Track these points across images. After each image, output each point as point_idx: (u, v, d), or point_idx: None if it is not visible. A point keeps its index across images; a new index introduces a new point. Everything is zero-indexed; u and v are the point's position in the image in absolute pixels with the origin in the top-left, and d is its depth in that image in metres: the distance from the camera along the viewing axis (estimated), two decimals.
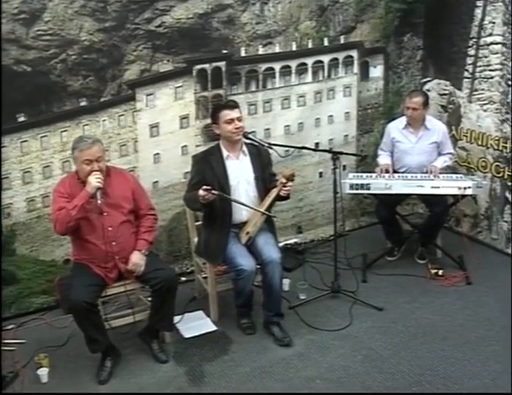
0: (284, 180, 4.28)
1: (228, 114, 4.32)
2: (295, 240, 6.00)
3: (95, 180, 3.89)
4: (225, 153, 4.45)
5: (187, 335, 4.55)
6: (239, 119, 4.35)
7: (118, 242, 4.10)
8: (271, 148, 4.52)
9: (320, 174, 6.04)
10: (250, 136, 4.47)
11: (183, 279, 5.24)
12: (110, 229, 4.07)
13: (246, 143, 4.53)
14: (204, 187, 4.10)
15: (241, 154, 4.50)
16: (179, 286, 4.38)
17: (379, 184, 5.02)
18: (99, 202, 3.92)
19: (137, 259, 4.14)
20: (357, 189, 5.05)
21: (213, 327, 4.65)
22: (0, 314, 4.67)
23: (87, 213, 3.96)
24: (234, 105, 4.39)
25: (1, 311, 4.68)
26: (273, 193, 4.35)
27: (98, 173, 3.93)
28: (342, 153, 4.79)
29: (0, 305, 4.67)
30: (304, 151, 5.44)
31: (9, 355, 4.17)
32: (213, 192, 4.12)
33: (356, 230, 6.38)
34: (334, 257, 4.97)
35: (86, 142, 3.94)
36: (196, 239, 4.83)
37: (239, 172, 4.46)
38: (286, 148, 4.92)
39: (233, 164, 4.46)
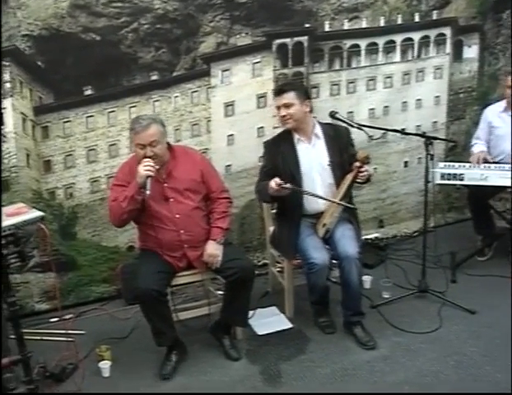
0: (358, 164, 4.00)
1: (275, 101, 4.14)
2: (375, 235, 5.72)
3: (143, 169, 3.58)
4: (295, 136, 4.19)
5: (260, 332, 4.37)
6: (286, 106, 4.06)
7: (186, 230, 3.87)
8: (360, 129, 4.21)
9: (405, 164, 5.76)
10: (337, 115, 4.19)
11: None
12: (178, 216, 3.84)
13: (321, 123, 4.24)
14: (277, 181, 3.86)
15: (313, 137, 4.20)
16: None
17: (474, 174, 4.71)
18: (147, 192, 3.57)
19: (213, 250, 3.90)
20: (449, 179, 4.76)
21: (289, 325, 4.47)
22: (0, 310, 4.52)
23: (139, 204, 3.68)
24: (281, 90, 4.11)
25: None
26: (348, 180, 4.06)
27: (148, 160, 3.62)
28: (436, 138, 4.48)
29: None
30: (390, 137, 5.28)
31: (68, 345, 3.96)
32: (286, 186, 3.86)
33: (443, 226, 6.00)
34: (423, 255, 4.66)
35: (140, 124, 3.65)
36: (272, 229, 4.59)
37: (312, 157, 4.18)
38: (370, 133, 4.56)
39: (305, 149, 4.19)
